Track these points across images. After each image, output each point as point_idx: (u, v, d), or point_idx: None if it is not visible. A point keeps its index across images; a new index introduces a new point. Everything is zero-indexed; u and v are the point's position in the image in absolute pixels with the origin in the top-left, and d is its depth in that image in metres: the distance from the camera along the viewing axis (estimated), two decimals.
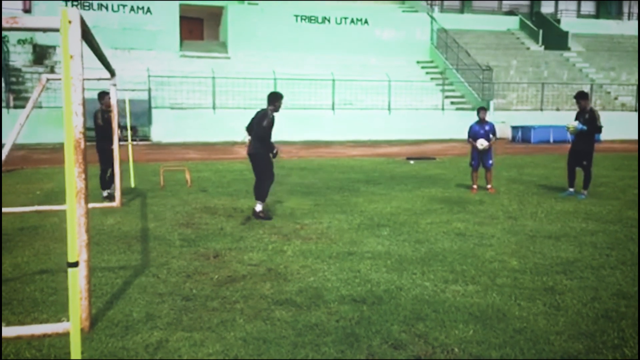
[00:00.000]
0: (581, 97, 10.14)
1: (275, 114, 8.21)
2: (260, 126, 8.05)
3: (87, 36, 4.36)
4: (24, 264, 5.91)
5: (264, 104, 8.66)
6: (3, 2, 24.00)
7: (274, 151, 8.19)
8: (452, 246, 6.68)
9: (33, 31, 18.25)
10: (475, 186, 10.98)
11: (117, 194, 9.35)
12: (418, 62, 32.34)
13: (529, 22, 37.66)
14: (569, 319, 4.42)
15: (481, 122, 10.86)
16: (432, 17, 33.80)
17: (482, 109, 10.99)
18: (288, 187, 11.52)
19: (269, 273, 5.61)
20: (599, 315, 4.50)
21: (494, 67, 30.77)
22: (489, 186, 10.93)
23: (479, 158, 10.87)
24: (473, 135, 10.88)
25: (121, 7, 28.88)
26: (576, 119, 10.27)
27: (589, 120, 9.95)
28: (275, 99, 8.26)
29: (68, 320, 3.76)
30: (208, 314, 4.49)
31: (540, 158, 18.30)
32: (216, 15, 32.47)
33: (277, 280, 5.38)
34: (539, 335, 4.10)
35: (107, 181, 10.04)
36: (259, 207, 8.22)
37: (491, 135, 10.83)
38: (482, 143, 10.68)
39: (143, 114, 24.04)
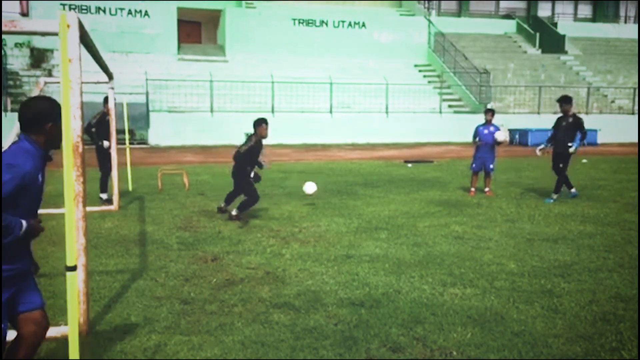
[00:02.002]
0: (565, 102, 10.16)
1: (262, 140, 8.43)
2: (239, 151, 8.32)
3: (85, 40, 4.36)
4: None
5: (262, 107, 8.80)
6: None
7: (252, 176, 8.34)
8: (450, 249, 6.68)
9: (31, 35, 18.18)
10: (473, 189, 11.00)
11: (115, 197, 9.34)
12: (416, 66, 32.39)
13: (526, 26, 37.76)
14: (567, 321, 4.42)
15: (487, 123, 10.90)
16: (429, 21, 33.86)
17: (488, 111, 11.04)
18: (286, 190, 11.53)
19: (267, 276, 5.60)
20: (597, 318, 4.51)
21: (492, 70, 30.84)
22: (486, 189, 10.95)
23: (481, 162, 10.89)
24: (478, 136, 10.93)
25: (119, 11, 28.88)
26: (557, 123, 10.27)
27: (572, 125, 9.97)
28: (257, 124, 8.36)
29: (66, 324, 3.75)
30: (206, 318, 4.49)
31: (538, 161, 18.29)
32: (214, 19, 32.50)
33: (276, 283, 5.38)
34: (537, 338, 4.10)
35: (106, 185, 10.03)
36: (235, 212, 8.33)
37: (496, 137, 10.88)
38: (499, 135, 10.69)
39: (141, 117, 24.02)
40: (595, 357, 3.84)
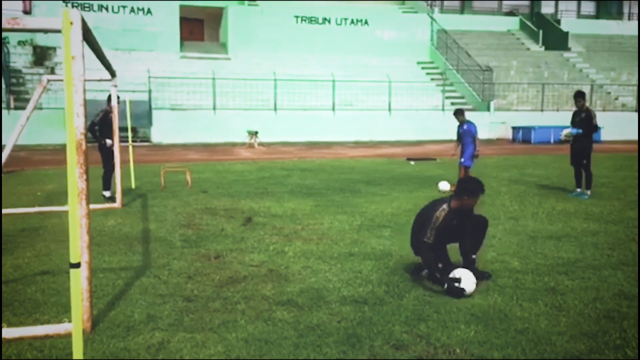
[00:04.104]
0: (580, 96, 10.24)
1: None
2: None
3: (88, 37, 4.36)
4: (25, 265, 5.91)
5: (264, 105, 8.68)
6: (3, 3, 24.00)
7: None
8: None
9: (34, 32, 18.16)
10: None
11: (118, 195, 9.36)
12: (418, 63, 32.35)
13: (529, 23, 37.68)
14: (570, 319, 4.41)
15: (461, 124, 11.16)
16: (432, 18, 33.81)
17: (455, 112, 11.24)
18: (289, 187, 11.53)
19: (270, 274, 5.60)
20: (601, 315, 4.49)
21: (495, 67, 30.77)
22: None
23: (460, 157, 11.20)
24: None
25: (121, 8, 28.92)
26: (573, 118, 10.34)
27: (585, 119, 10.02)
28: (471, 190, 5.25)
29: (70, 321, 3.76)
30: (209, 315, 4.49)
31: (541, 158, 18.30)
32: (216, 16, 32.50)
33: (279, 281, 5.38)
34: (540, 336, 4.10)
35: (109, 182, 10.04)
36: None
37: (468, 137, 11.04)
38: (443, 186, 11.04)
39: (143, 115, 24.05)
40: (599, 354, 3.83)
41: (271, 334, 4.13)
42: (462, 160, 11.04)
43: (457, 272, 4.93)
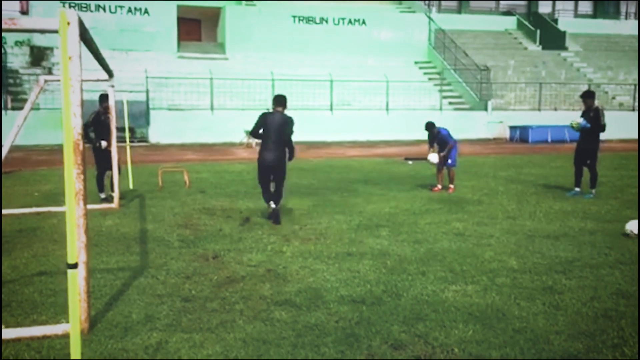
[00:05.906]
0: (587, 96, 10.25)
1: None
2: (288, 132, 8.59)
3: (85, 37, 4.35)
4: (23, 265, 5.90)
5: (262, 105, 8.72)
6: None
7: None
8: (451, 246, 6.68)
9: (31, 32, 18.11)
10: (439, 186, 11.07)
11: (116, 195, 9.34)
12: (416, 63, 32.35)
13: (526, 22, 37.71)
14: (568, 318, 4.42)
15: (436, 135, 11.28)
16: (429, 18, 33.80)
17: (427, 126, 11.43)
18: (286, 188, 11.50)
19: (268, 274, 5.60)
20: (599, 314, 4.50)
21: (492, 67, 30.79)
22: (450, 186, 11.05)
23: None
24: None
25: (119, 9, 28.84)
26: (582, 117, 10.33)
27: (594, 118, 10.01)
28: (285, 100, 9.01)
29: (67, 322, 3.75)
30: (207, 315, 4.49)
31: (539, 158, 18.31)
32: (214, 17, 32.45)
33: (277, 281, 5.38)
34: (538, 335, 4.10)
35: (102, 184, 9.96)
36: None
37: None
38: (432, 158, 11.17)
39: (141, 115, 24.02)
40: (596, 353, 3.84)
41: (269, 334, 4.13)
42: (450, 162, 11.03)
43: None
